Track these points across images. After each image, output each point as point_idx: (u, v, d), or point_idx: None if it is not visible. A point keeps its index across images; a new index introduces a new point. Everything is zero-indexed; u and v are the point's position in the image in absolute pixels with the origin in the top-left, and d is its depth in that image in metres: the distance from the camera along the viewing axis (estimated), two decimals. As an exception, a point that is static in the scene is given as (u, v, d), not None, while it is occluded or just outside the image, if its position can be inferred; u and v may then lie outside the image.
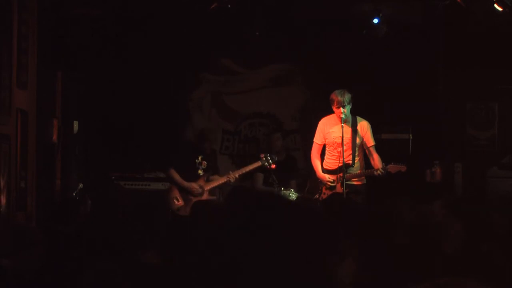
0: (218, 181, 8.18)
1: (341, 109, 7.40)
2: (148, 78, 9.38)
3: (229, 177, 8.06)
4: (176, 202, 8.01)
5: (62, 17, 7.71)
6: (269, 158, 8.09)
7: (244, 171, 8.17)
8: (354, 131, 7.58)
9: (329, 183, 7.59)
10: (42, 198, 7.16)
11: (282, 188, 8.16)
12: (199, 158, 8.18)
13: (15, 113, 6.43)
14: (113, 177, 8.51)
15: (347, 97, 7.44)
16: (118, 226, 4.29)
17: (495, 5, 7.94)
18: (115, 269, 3.11)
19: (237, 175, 8.08)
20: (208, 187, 8.16)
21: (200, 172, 8.18)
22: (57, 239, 4.03)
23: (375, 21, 8.67)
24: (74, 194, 7.56)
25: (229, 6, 8.35)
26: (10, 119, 6.33)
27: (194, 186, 8.05)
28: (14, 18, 6.41)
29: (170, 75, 9.47)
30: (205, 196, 8.09)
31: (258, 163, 8.13)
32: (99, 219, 4.58)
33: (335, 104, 7.47)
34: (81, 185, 7.65)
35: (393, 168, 7.45)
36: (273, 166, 8.08)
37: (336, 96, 7.46)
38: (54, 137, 7.51)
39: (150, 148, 9.07)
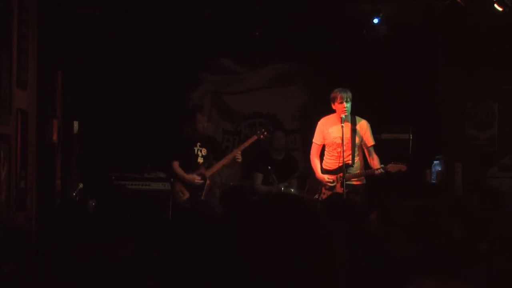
0: (220, 163, 8.21)
1: (345, 104, 7.42)
2: (148, 78, 9.39)
3: (235, 156, 8.11)
4: (182, 195, 8.09)
5: (62, 17, 7.72)
6: (263, 130, 8.30)
7: (243, 147, 8.21)
8: (354, 131, 7.59)
9: (328, 184, 7.60)
10: (42, 198, 7.16)
11: (282, 188, 8.18)
12: (198, 145, 8.22)
13: (15, 113, 6.43)
14: (113, 177, 8.52)
15: (349, 93, 7.49)
16: (119, 226, 4.29)
17: (495, 5, 7.94)
18: (115, 269, 3.11)
19: (239, 152, 8.12)
20: (210, 172, 8.21)
21: (200, 160, 8.22)
22: (58, 239, 4.03)
23: (375, 21, 8.67)
24: (74, 194, 7.57)
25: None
26: (10, 119, 6.33)
27: (195, 177, 8.11)
28: (14, 18, 6.41)
29: (170, 75, 9.49)
30: (208, 183, 8.15)
31: (255, 137, 8.27)
32: (100, 220, 4.58)
33: (338, 100, 7.47)
34: (81, 185, 7.66)
35: (393, 167, 7.46)
36: (265, 133, 8.30)
37: (339, 92, 7.48)
38: (54, 137, 7.52)
39: (150, 148, 9.08)
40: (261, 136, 8.27)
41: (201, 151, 8.25)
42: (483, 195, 4.54)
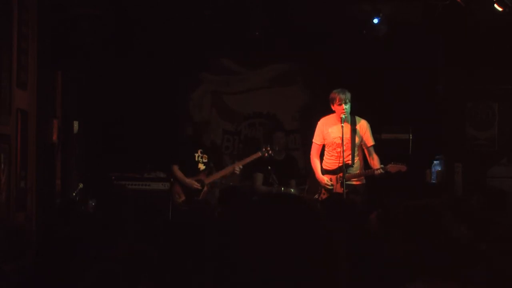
0: (220, 173, 8.26)
1: (343, 106, 7.41)
2: (148, 78, 9.39)
3: (234, 168, 8.18)
4: (178, 198, 8.13)
5: (62, 17, 7.72)
6: (268, 148, 8.30)
7: (245, 162, 8.27)
8: (354, 131, 7.58)
9: (327, 186, 7.59)
10: (42, 198, 7.16)
11: (282, 188, 8.18)
12: (199, 152, 8.26)
13: (15, 113, 6.43)
14: (113, 177, 8.53)
15: (348, 94, 7.47)
16: (119, 226, 4.29)
17: (495, 5, 7.93)
18: (115, 269, 3.11)
19: (240, 166, 8.18)
20: (209, 180, 8.25)
21: (201, 166, 8.26)
22: (58, 239, 4.03)
23: (375, 21, 8.67)
24: (74, 194, 7.57)
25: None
26: (10, 119, 6.33)
27: (193, 182, 8.15)
28: (14, 18, 6.41)
29: (171, 75, 9.49)
30: (205, 190, 8.18)
31: (258, 154, 8.29)
32: (100, 220, 4.58)
33: (337, 101, 7.46)
34: (81, 185, 7.66)
35: (393, 167, 7.45)
36: (270, 152, 8.32)
37: (338, 94, 7.47)
38: (54, 137, 7.52)
39: (150, 148, 9.09)
40: (265, 154, 8.29)
41: (202, 158, 8.30)
42: (486, 196, 4.53)
